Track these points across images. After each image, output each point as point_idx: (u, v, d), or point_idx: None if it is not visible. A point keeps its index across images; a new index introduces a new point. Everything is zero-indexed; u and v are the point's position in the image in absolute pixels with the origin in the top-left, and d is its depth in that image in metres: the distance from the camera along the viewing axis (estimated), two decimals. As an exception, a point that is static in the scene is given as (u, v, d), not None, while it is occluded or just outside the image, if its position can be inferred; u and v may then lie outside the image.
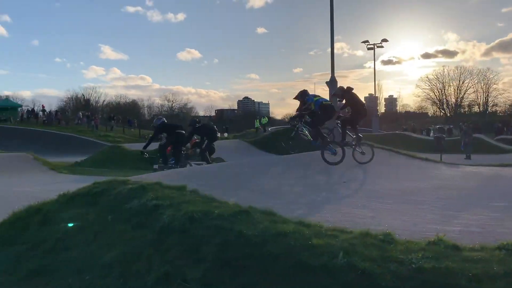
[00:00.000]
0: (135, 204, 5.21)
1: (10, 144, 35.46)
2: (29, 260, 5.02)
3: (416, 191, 7.68)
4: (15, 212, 6.23)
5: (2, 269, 5.00)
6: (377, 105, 52.37)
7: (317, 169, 9.36)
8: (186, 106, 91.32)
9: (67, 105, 72.76)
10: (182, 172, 7.28)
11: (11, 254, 5.21)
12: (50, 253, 5.04)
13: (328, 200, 6.76)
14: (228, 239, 4.39)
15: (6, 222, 6.04)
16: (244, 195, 6.31)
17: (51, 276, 4.69)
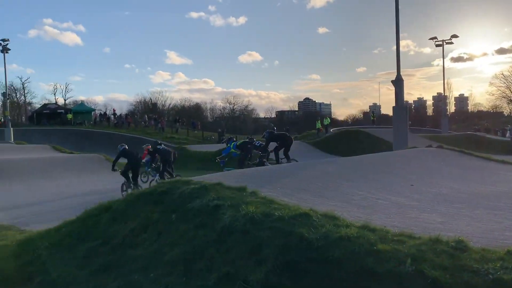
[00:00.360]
0: (197, 204, 5.29)
1: (85, 145, 37.95)
2: (99, 256, 5.26)
3: (490, 195, 7.11)
4: (87, 210, 6.58)
5: (75, 264, 5.29)
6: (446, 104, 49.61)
7: (382, 171, 9.01)
8: (247, 108, 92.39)
9: (136, 109, 76.44)
10: (243, 173, 7.30)
11: (83, 249, 5.50)
12: (117, 250, 5.25)
13: (394, 203, 6.45)
14: (289, 242, 4.31)
15: (80, 219, 6.39)
16: (305, 197, 6.20)
17: (118, 272, 4.88)
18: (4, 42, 32.00)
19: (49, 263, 5.44)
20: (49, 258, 5.55)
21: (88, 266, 5.17)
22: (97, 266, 5.10)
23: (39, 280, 5.14)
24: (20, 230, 7.94)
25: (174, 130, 45.74)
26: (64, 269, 5.22)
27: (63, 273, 5.12)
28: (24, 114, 69.52)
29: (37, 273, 5.31)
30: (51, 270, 5.25)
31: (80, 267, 5.22)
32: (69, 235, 5.94)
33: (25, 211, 10.27)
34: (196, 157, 24.26)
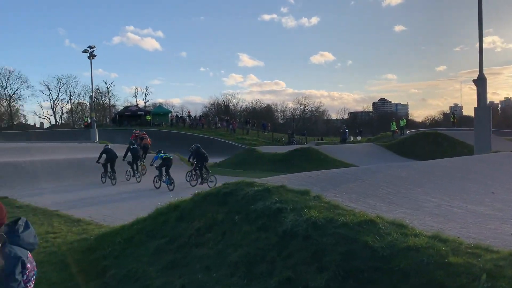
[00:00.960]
0: (260, 206, 5.29)
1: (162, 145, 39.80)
2: (167, 253, 5.46)
3: None
4: (157, 208, 6.87)
5: (145, 260, 5.54)
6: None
7: (460, 176, 8.41)
8: (319, 109, 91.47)
9: (209, 111, 78.91)
10: (309, 176, 7.19)
11: (152, 246, 5.74)
12: (183, 248, 5.41)
13: (471, 212, 5.97)
14: (353, 249, 4.16)
15: (151, 217, 6.69)
16: (372, 203, 5.96)
17: (183, 270, 5.02)
18: (91, 49, 34.60)
19: (122, 258, 5.75)
20: (121, 253, 5.88)
21: (157, 262, 5.39)
22: (164, 263, 5.30)
23: (111, 273, 5.45)
24: (99, 225, 8.49)
25: (245, 131, 46.51)
26: (135, 264, 5.49)
27: (133, 268, 5.39)
28: (108, 115, 74.73)
29: (110, 267, 5.64)
30: (123, 265, 5.55)
31: (149, 263, 5.45)
32: (140, 232, 6.24)
33: (103, 207, 10.99)
34: (265, 159, 24.41)
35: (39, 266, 5.99)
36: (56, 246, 7.02)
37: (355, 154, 24.41)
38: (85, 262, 5.97)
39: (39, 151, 22.45)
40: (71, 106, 76.03)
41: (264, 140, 42.60)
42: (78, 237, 7.49)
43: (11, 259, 2.33)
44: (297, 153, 23.87)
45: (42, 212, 10.03)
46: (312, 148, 24.80)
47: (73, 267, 5.95)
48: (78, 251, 6.53)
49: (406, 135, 31.33)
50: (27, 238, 2.48)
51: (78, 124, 68.50)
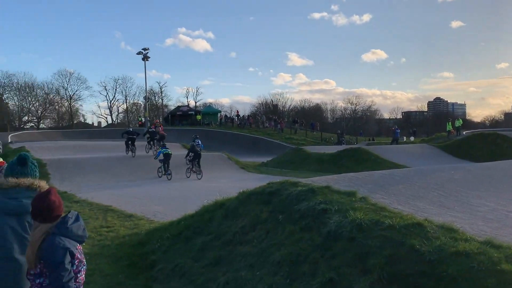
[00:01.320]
0: (304, 206, 5.27)
1: (212, 144, 40.66)
2: (212, 250, 5.59)
3: None
4: (204, 205, 7.04)
5: (191, 255, 5.70)
6: None
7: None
8: (370, 108, 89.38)
9: (257, 110, 79.37)
10: (356, 177, 7.06)
11: (198, 243, 5.89)
12: (228, 245, 5.51)
13: (530, 218, 5.62)
14: (399, 252, 4.05)
15: (198, 214, 6.87)
16: (421, 206, 5.76)
17: (227, 267, 5.12)
18: (144, 51, 35.93)
19: (169, 253, 5.95)
20: (169, 248, 6.08)
21: (202, 258, 5.53)
22: (209, 260, 5.42)
23: (159, 268, 5.66)
24: (149, 220, 8.82)
25: (293, 131, 46.34)
26: (181, 259, 5.66)
27: (180, 263, 5.56)
28: (161, 115, 77.16)
29: (158, 261, 5.85)
30: (170, 260, 5.75)
31: (195, 259, 5.60)
32: (187, 228, 6.42)
33: (155, 203, 11.39)
34: (312, 159, 24.22)
35: (93, 258, 6.36)
36: (109, 240, 7.38)
37: (408, 155, 23.63)
38: (136, 256, 6.23)
39: (96, 148, 23.66)
40: (126, 106, 79.40)
41: (313, 140, 42.22)
42: (130, 231, 7.82)
43: (60, 249, 2.50)
44: (346, 153, 23.49)
45: (97, 207, 10.55)
46: (362, 149, 24.29)
47: (124, 260, 6.23)
48: (129, 245, 6.83)
49: (462, 136, 29.89)
50: (76, 230, 2.64)
51: (132, 123, 71.30)
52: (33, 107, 70.50)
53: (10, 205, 3.00)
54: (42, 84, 71.27)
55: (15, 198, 3.03)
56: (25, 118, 70.38)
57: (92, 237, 7.62)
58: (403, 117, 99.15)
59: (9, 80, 67.64)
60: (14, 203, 3.01)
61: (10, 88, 68.11)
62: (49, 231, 2.55)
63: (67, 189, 14.02)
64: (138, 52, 36.34)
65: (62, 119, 73.81)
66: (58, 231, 2.57)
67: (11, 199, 3.02)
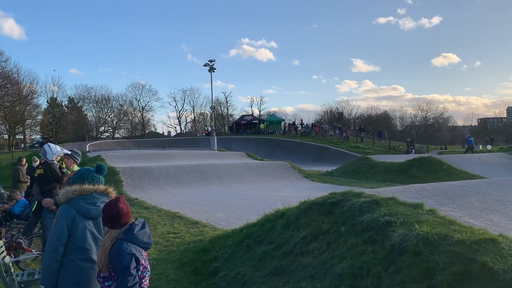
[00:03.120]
0: (367, 218, 5.13)
1: (275, 152, 40.87)
2: (272, 259, 5.60)
3: None
4: (266, 214, 7.08)
5: (252, 264, 5.75)
6: None
7: None
8: (442, 115, 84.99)
9: (322, 118, 78.58)
10: (423, 188, 6.74)
11: (259, 251, 5.93)
12: (289, 255, 5.49)
13: None
14: (468, 269, 3.80)
15: (259, 223, 6.92)
16: (496, 220, 5.37)
17: (288, 277, 5.10)
18: (211, 63, 37.06)
19: (231, 261, 6.05)
20: (231, 256, 6.18)
21: (263, 268, 5.55)
22: (270, 269, 5.43)
23: (221, 275, 5.76)
24: (213, 228, 9.04)
25: (359, 139, 45.26)
26: (243, 268, 5.73)
27: (241, 271, 5.63)
28: (226, 124, 79.02)
29: (221, 268, 5.96)
30: (232, 267, 5.84)
31: (256, 268, 5.64)
32: (249, 237, 6.49)
33: (220, 211, 11.66)
34: (380, 168, 23.45)
35: (160, 263, 6.63)
36: (175, 246, 7.66)
37: (484, 165, 22.12)
38: (199, 262, 6.40)
39: (166, 157, 24.73)
40: (194, 116, 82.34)
41: (380, 149, 40.92)
42: (195, 238, 8.07)
43: (127, 255, 2.65)
44: (416, 162, 22.46)
45: (166, 214, 11.00)
46: (433, 158, 23.11)
47: (188, 266, 6.43)
48: (193, 251, 7.03)
49: (547, 144, 27.44)
50: (141, 237, 2.79)
51: (200, 132, 73.75)
52: (108, 118, 75.46)
53: (91, 210, 3.27)
54: (117, 96, 76.27)
55: (93, 203, 3.30)
56: (101, 128, 75.53)
57: (160, 242, 7.97)
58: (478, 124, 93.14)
59: (88, 93, 73.29)
60: (93, 207, 3.28)
61: (89, 100, 73.70)
62: (117, 237, 2.72)
63: (138, 196, 14.79)
64: (205, 64, 37.52)
65: (135, 129, 78.14)
66: (125, 237, 2.73)
67: (90, 203, 3.28)
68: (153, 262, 6.62)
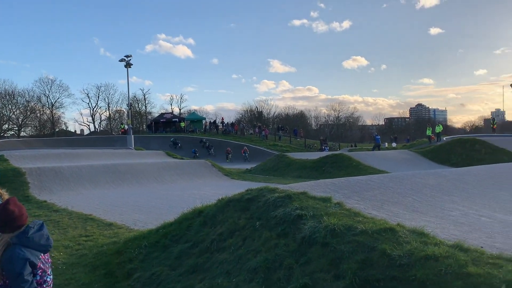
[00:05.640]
0: (280, 213, 5.33)
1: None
2: (189, 258, 5.59)
3: None
4: (183, 213, 7.04)
5: (168, 263, 5.69)
6: None
7: (492, 184, 8.13)
8: (353, 115, 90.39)
9: (242, 117, 79.50)
10: (333, 183, 7.16)
11: (176, 251, 5.89)
12: (205, 253, 5.52)
13: (499, 221, 5.78)
14: (370, 257, 4.12)
15: (176, 222, 6.86)
16: (395, 211, 5.87)
17: (204, 274, 5.13)
18: (127, 58, 35.74)
19: (147, 262, 5.93)
20: (147, 257, 6.06)
21: (179, 266, 5.53)
22: (186, 267, 5.42)
23: (136, 276, 5.63)
24: (129, 229, 8.77)
25: (277, 137, 46.54)
26: (159, 267, 5.65)
27: (157, 272, 5.55)
28: (145, 122, 76.69)
29: (136, 270, 5.83)
30: (147, 268, 5.73)
31: (173, 267, 5.59)
32: (165, 236, 6.41)
33: (136, 211, 11.32)
34: (296, 165, 24.37)
35: (70, 268, 6.30)
36: (88, 249, 7.32)
37: (389, 161, 23.93)
38: (113, 265, 6.19)
39: (78, 157, 23.37)
40: (109, 114, 78.72)
41: (296, 147, 42.51)
42: (109, 240, 7.77)
43: (19, 260, 2.48)
44: (329, 159, 23.68)
45: (77, 216, 10.44)
46: (344, 155, 24.52)
47: (101, 269, 6.19)
48: (107, 254, 6.78)
49: (442, 142, 30.43)
50: (38, 240, 2.63)
51: (115, 131, 70.70)
52: (13, 115, 69.37)
53: None
54: (22, 92, 70.28)
55: None
56: (5, 126, 69.14)
57: (70, 246, 7.56)
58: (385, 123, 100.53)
59: (-13, 87, 66.58)
60: None
61: (-11, 95, 67.02)
62: (9, 241, 2.55)
63: (46, 198, 13.84)
64: (121, 59, 36.08)
65: (44, 127, 72.75)
66: (18, 241, 2.55)
67: None
68: (62, 267, 6.28)
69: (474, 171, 9.27)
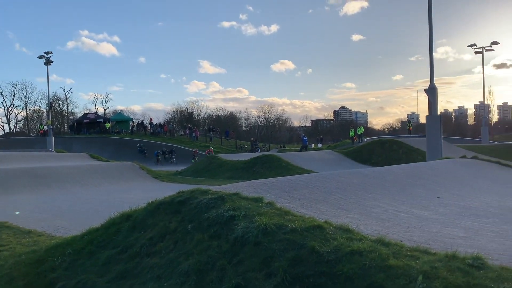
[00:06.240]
0: (213, 214, 5.32)
1: (122, 153, 39.07)
2: (117, 263, 5.39)
3: (522, 210, 6.77)
4: (110, 218, 6.77)
5: (95, 271, 5.44)
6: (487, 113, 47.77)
7: (408, 182, 8.77)
8: (282, 117, 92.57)
9: (172, 118, 78.07)
10: (264, 183, 7.29)
11: (103, 257, 5.65)
12: (135, 258, 5.35)
13: (416, 216, 6.26)
14: (300, 254, 4.26)
15: (103, 227, 6.57)
16: (323, 209, 6.12)
17: (134, 280, 4.98)
18: (47, 55, 33.57)
19: (71, 270, 5.62)
20: (71, 265, 5.74)
21: (107, 273, 5.30)
22: (115, 274, 5.22)
23: (60, 285, 5.32)
24: (51, 236, 8.25)
25: (208, 139, 46.34)
26: (84, 275, 5.38)
27: (82, 279, 5.28)
28: (66, 123, 72.55)
29: (59, 279, 5.50)
30: (72, 276, 5.43)
31: (100, 274, 5.36)
32: (91, 243, 6.12)
33: (59, 217, 10.67)
34: (227, 166, 24.44)
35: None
36: (3, 260, 6.77)
37: (315, 161, 24.85)
38: (33, 275, 5.79)
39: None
40: (26, 114, 73.41)
41: (227, 148, 42.64)
42: (28, 249, 7.24)
43: None
44: (259, 160, 24.03)
45: (-10, 224, 9.61)
46: (274, 155, 25.04)
47: (19, 280, 5.76)
48: (26, 264, 6.31)
49: (364, 142, 32.21)
50: None
51: (34, 132, 66.10)
52: None
53: None
54: None
55: None
56: None
57: (-18, 258, 6.94)
58: (311, 125, 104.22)
59: None
60: None
61: None
62: None
63: (-47, 205, 12.58)
64: (40, 56, 33.77)
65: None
66: None
67: None
68: (-27, 281, 5.75)
69: (393, 170, 9.93)
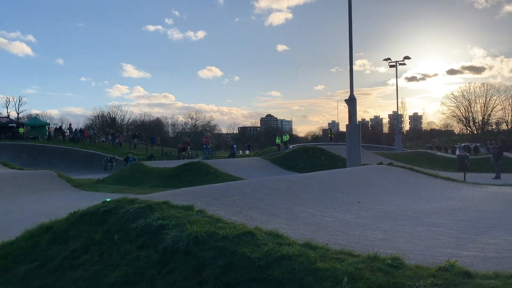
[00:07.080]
0: (141, 224, 5.19)
1: (38, 160, 36.49)
2: (36, 278, 5.03)
3: (432, 212, 7.41)
4: (28, 230, 6.30)
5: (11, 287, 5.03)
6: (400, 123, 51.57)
7: (332, 188, 9.20)
8: (209, 123, 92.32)
9: (93, 123, 74.44)
10: (193, 191, 7.24)
11: (19, 273, 5.24)
12: (56, 272, 5.04)
13: (339, 220, 6.59)
14: (231, 261, 4.29)
15: (18, 240, 6.10)
16: (253, 215, 6.22)
17: (55, 296, 4.69)
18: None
19: (-19, 288, 5.14)
20: (-19, 283, 5.26)
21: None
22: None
23: (-33, 307, 4.85)
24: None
25: (133, 145, 44.84)
26: (-3, 294, 4.96)
27: (-5, 299, 4.87)
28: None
29: (-34, 299, 5.01)
30: (-18, 296, 4.97)
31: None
32: (5, 257, 5.64)
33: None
34: (154, 174, 23.78)
35: None
36: None
37: (243, 167, 25.08)
38: None
39: None
40: None
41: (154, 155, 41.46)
42: None
43: None
44: (187, 167, 23.70)
45: None
46: (202, 163, 24.85)
47: None
48: None
49: (289, 150, 33.16)
50: None
51: None
52: None
53: None
54: None
55: None
56: None
57: None
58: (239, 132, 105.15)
59: None
60: None
61: None
62: None
63: None
64: None
65: None
66: None
67: None
68: None
69: (317, 176, 10.36)
